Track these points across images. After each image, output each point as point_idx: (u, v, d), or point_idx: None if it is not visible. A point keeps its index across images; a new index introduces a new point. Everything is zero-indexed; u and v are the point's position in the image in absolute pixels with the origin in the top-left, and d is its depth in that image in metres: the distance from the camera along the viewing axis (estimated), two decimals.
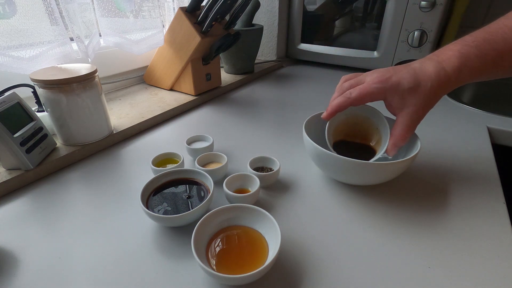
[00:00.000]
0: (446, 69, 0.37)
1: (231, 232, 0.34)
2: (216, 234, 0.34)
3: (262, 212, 0.34)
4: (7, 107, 0.43)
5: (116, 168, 0.49)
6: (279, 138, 0.59)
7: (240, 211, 0.35)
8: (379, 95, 0.39)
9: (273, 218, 0.33)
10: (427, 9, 0.79)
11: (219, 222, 0.34)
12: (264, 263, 0.29)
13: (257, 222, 0.34)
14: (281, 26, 1.06)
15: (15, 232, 0.37)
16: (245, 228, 0.35)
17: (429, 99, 0.38)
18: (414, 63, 0.40)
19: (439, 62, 0.38)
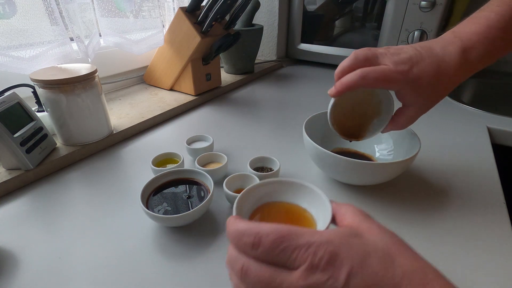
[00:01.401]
0: (471, 59, 0.34)
1: (272, 207, 0.30)
2: (256, 211, 0.30)
3: (308, 187, 0.30)
4: (7, 107, 0.43)
5: (116, 168, 0.49)
6: (279, 138, 0.59)
7: (281, 185, 0.31)
8: (396, 85, 0.35)
9: (321, 192, 0.29)
10: (427, 9, 0.79)
11: (259, 197, 0.30)
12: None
13: (301, 197, 0.30)
14: (281, 26, 1.06)
15: (15, 232, 0.37)
16: (288, 204, 0.31)
17: (444, 95, 0.36)
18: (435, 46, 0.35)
19: (464, 51, 0.34)
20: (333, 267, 0.20)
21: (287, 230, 0.21)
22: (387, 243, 0.22)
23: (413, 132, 0.44)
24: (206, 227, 0.37)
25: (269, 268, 0.21)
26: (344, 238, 0.21)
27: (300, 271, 0.20)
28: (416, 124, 0.44)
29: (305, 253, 0.20)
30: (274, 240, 0.21)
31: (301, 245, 0.20)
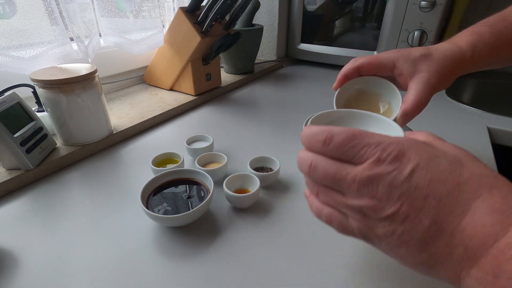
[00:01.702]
0: (459, 44, 0.36)
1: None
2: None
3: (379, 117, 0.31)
4: (7, 107, 0.43)
5: (116, 168, 0.49)
6: (279, 138, 0.59)
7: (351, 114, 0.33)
8: (388, 61, 0.36)
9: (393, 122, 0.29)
10: (427, 9, 0.79)
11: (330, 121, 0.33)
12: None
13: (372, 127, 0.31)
14: (281, 26, 1.06)
15: (15, 232, 0.37)
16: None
17: (442, 67, 0.35)
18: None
19: (452, 41, 0.37)
20: (400, 162, 0.20)
21: (358, 131, 0.22)
22: (460, 153, 0.22)
23: (413, 131, 0.44)
24: (206, 227, 0.37)
25: (336, 163, 0.22)
26: (414, 142, 0.22)
27: (367, 164, 0.21)
28: (416, 124, 0.44)
29: (373, 150, 0.21)
30: (345, 138, 0.22)
31: (371, 143, 0.21)
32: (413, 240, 0.20)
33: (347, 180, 0.22)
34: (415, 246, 0.21)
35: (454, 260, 0.19)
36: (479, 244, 0.18)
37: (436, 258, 0.20)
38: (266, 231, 0.37)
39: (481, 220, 0.19)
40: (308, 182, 0.26)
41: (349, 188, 0.22)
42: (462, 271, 0.19)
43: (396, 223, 0.21)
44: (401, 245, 0.21)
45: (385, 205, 0.21)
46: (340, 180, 0.22)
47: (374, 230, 0.22)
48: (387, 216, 0.21)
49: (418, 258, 0.21)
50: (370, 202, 0.21)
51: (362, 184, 0.21)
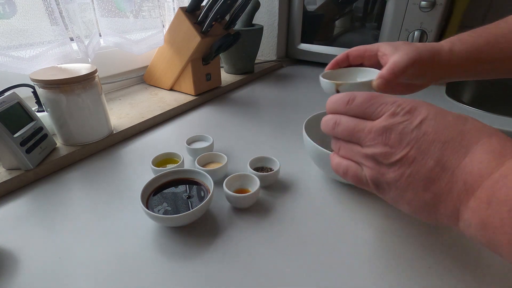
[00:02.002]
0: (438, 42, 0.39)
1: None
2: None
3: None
4: (7, 107, 0.43)
5: (116, 168, 0.49)
6: (279, 138, 0.59)
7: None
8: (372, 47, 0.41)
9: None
10: (427, 9, 0.79)
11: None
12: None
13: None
14: (281, 26, 1.06)
15: (15, 232, 0.37)
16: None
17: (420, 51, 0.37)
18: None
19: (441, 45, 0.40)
20: (411, 115, 0.24)
21: (377, 93, 0.26)
22: (465, 116, 0.25)
23: None
24: (206, 227, 0.37)
25: (357, 119, 0.27)
26: (425, 102, 0.25)
27: (383, 117, 0.25)
28: None
29: (389, 106, 0.25)
30: (366, 97, 0.26)
31: (388, 101, 0.25)
32: (419, 180, 0.23)
33: (365, 131, 0.25)
34: (420, 186, 0.23)
35: (454, 195, 0.22)
36: (476, 177, 0.21)
37: (438, 197, 0.23)
38: (266, 231, 0.37)
39: (479, 158, 0.21)
40: (332, 141, 0.30)
41: (366, 138, 0.26)
42: (460, 205, 0.22)
43: (404, 166, 0.24)
44: (408, 188, 0.24)
45: (396, 150, 0.24)
46: (359, 132, 0.26)
47: (385, 176, 0.25)
48: (397, 160, 0.24)
49: (423, 198, 0.23)
50: (383, 149, 0.24)
51: (377, 134, 0.25)
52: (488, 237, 0.20)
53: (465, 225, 0.22)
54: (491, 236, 0.20)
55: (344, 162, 0.29)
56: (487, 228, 0.20)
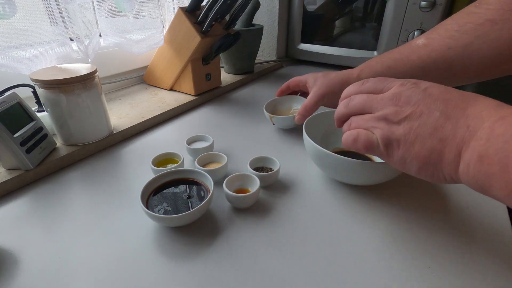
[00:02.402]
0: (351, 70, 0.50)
1: None
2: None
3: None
4: (7, 107, 0.43)
5: (116, 168, 0.49)
6: (279, 138, 0.59)
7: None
8: (303, 79, 0.57)
9: None
10: (427, 9, 0.79)
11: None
12: None
13: None
14: (281, 26, 1.06)
15: (15, 232, 0.37)
16: None
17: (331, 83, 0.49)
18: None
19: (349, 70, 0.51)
20: (417, 85, 0.28)
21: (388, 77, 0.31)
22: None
23: None
24: (206, 227, 0.37)
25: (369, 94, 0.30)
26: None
27: (393, 88, 0.29)
28: None
29: (398, 81, 0.29)
30: (378, 78, 0.31)
31: (397, 80, 0.29)
32: (426, 130, 0.26)
33: (377, 99, 0.29)
34: (427, 134, 0.25)
35: (458, 138, 0.24)
36: (478, 121, 0.23)
37: (443, 141, 0.25)
38: (266, 231, 0.37)
39: (480, 108, 0.24)
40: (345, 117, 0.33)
41: (378, 104, 0.29)
42: (463, 146, 0.24)
43: (413, 120, 0.26)
44: (416, 140, 0.26)
45: (405, 108, 0.27)
46: (371, 101, 0.29)
47: (396, 133, 0.27)
48: (406, 116, 0.27)
49: (430, 146, 0.25)
50: (394, 109, 0.27)
51: (388, 99, 0.28)
52: (483, 172, 0.22)
53: (464, 167, 0.23)
54: (486, 169, 0.22)
55: (353, 132, 0.30)
56: (483, 162, 0.22)
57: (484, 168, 0.22)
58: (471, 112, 0.24)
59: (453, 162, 0.24)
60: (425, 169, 0.27)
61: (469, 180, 0.23)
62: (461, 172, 0.24)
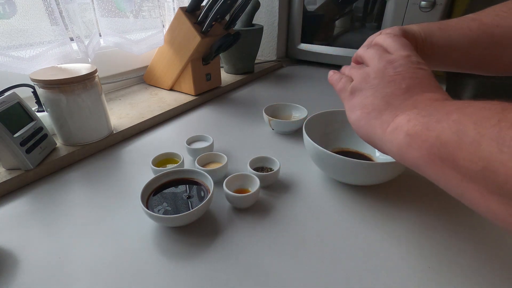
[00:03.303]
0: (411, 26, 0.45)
1: None
2: None
3: None
4: (7, 107, 0.43)
5: (116, 168, 0.49)
6: (279, 138, 0.59)
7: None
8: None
9: None
10: (427, 9, 0.79)
11: None
12: None
13: None
14: (281, 26, 1.06)
15: (15, 232, 0.37)
16: None
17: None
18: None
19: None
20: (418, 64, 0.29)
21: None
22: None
23: None
24: (206, 227, 0.37)
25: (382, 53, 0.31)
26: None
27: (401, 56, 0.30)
28: None
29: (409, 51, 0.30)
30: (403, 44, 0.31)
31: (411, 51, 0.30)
32: (385, 93, 0.28)
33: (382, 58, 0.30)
34: (382, 96, 0.28)
35: (401, 107, 0.26)
36: (424, 99, 0.25)
37: (388, 105, 0.27)
38: (266, 231, 0.37)
39: (434, 95, 0.26)
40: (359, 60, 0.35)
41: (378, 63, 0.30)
42: (399, 113, 0.25)
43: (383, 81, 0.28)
44: (370, 96, 0.29)
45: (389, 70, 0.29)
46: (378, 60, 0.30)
47: (362, 84, 0.30)
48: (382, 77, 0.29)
49: (377, 105, 0.28)
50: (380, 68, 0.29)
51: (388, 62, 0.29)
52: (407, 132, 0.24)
53: (393, 128, 0.25)
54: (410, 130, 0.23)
55: (344, 78, 0.33)
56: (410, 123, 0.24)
57: (409, 128, 0.23)
58: (426, 95, 0.26)
59: (385, 122, 0.26)
60: (360, 120, 0.29)
61: (392, 139, 0.25)
62: (387, 132, 0.26)
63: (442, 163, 0.21)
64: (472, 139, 0.18)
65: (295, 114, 0.64)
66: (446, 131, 0.20)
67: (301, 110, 0.62)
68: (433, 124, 0.22)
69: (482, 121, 0.19)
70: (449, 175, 0.21)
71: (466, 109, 0.21)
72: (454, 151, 0.20)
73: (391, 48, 0.31)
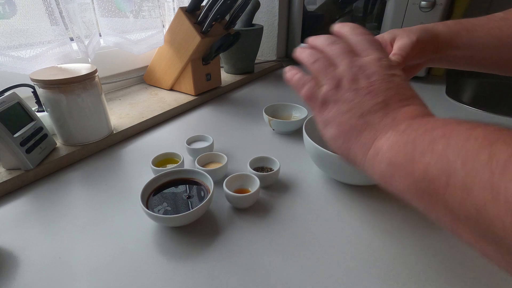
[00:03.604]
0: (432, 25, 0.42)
1: None
2: None
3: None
4: (7, 107, 0.43)
5: (116, 168, 0.49)
6: (279, 138, 0.59)
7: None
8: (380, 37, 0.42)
9: None
10: (427, 9, 0.79)
11: None
12: None
13: None
14: (281, 26, 1.05)
15: (15, 232, 0.37)
16: None
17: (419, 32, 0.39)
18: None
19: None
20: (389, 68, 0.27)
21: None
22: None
23: None
24: (206, 227, 0.37)
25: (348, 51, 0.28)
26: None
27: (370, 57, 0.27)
28: None
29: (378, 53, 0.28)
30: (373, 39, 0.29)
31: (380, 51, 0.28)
32: (362, 108, 0.26)
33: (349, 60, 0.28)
34: (359, 113, 0.26)
35: (380, 126, 0.25)
36: (404, 117, 0.24)
37: (367, 124, 0.25)
38: (266, 231, 0.37)
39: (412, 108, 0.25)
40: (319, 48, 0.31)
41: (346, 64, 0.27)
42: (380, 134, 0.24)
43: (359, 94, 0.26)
44: (347, 112, 0.26)
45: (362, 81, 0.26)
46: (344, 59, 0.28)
47: (337, 97, 0.27)
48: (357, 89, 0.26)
49: (355, 123, 0.26)
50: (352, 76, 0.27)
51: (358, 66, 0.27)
52: (389, 160, 0.23)
53: (374, 152, 0.24)
54: (393, 158, 0.22)
55: (307, 78, 0.30)
56: (392, 150, 0.22)
57: (392, 156, 0.22)
58: (406, 110, 0.25)
59: (365, 144, 0.25)
60: (337, 139, 0.27)
61: (374, 166, 0.24)
62: (369, 157, 0.24)
63: (431, 198, 0.19)
64: (462, 183, 0.17)
65: (295, 114, 0.64)
66: (432, 167, 0.19)
67: (301, 110, 0.62)
68: (418, 156, 0.20)
69: (470, 158, 0.17)
70: (439, 211, 0.19)
71: (451, 138, 0.19)
72: (444, 191, 0.18)
73: (358, 46, 0.29)
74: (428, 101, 0.26)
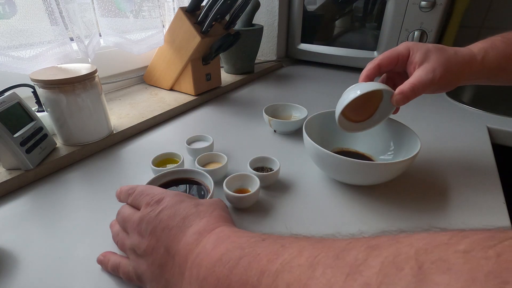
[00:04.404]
0: (472, 48, 0.38)
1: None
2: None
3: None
4: (7, 107, 0.43)
5: (116, 168, 0.49)
6: (279, 138, 0.59)
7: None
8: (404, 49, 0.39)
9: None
10: (427, 9, 0.79)
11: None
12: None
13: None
14: (281, 26, 1.06)
15: (15, 232, 0.37)
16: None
17: (450, 63, 0.36)
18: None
19: (467, 47, 0.39)
20: (158, 204, 0.28)
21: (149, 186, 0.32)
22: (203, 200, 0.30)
23: (413, 132, 0.44)
24: None
25: (132, 209, 0.31)
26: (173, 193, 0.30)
27: (142, 208, 0.29)
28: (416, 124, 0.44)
29: (146, 197, 0.30)
30: (140, 190, 0.31)
31: (149, 193, 0.30)
32: (157, 267, 0.25)
33: (130, 222, 0.29)
34: (157, 273, 0.25)
35: (175, 278, 0.24)
36: (184, 259, 0.24)
37: (168, 282, 0.25)
38: (266, 231, 0.37)
39: (187, 240, 0.25)
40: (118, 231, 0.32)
41: (129, 228, 0.29)
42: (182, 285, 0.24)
43: (148, 256, 0.26)
44: (153, 279, 0.26)
45: (143, 241, 0.27)
46: (127, 222, 0.29)
47: (141, 267, 0.27)
48: (144, 250, 0.26)
49: (162, 285, 0.25)
50: (137, 239, 0.27)
51: (136, 224, 0.28)
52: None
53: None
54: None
55: (117, 259, 0.30)
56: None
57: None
58: (182, 247, 0.24)
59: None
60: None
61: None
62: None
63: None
64: None
65: (295, 114, 0.64)
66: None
67: (301, 110, 0.62)
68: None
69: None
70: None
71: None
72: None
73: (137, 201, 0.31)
74: (428, 101, 0.26)
